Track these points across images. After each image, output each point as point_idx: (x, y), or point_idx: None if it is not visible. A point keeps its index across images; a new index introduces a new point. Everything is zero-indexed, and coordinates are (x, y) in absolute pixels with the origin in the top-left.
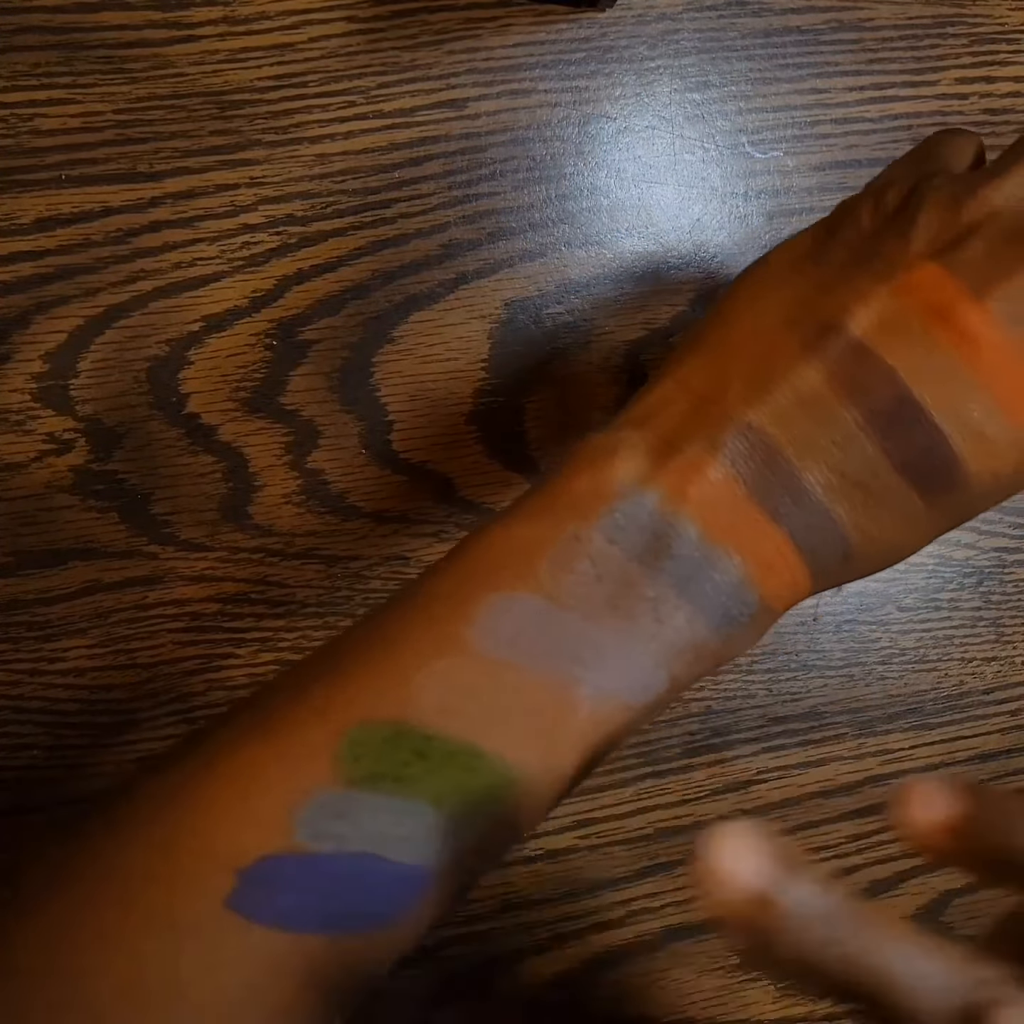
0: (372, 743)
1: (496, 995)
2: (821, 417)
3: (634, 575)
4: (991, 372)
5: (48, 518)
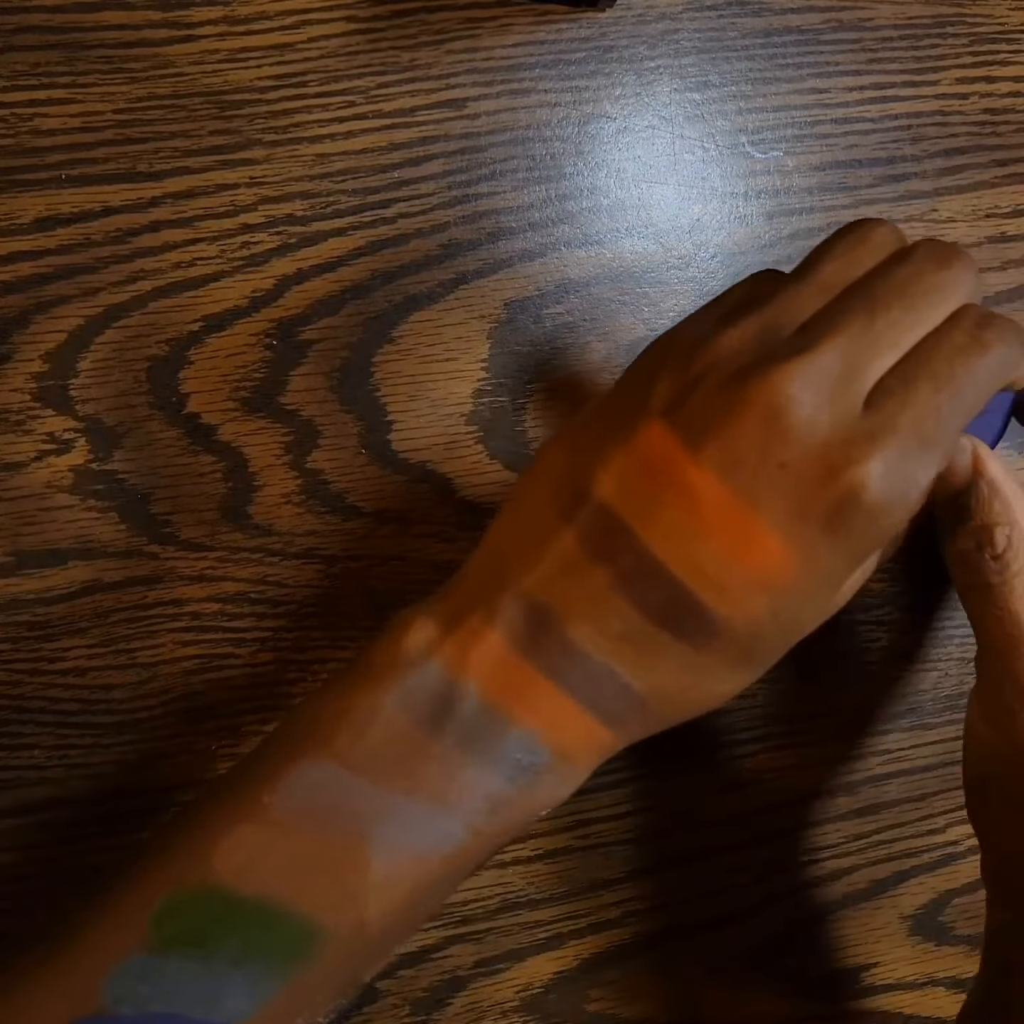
0: (176, 909)
1: (495, 996)
2: (579, 580)
3: (421, 737)
4: (712, 522)
5: (48, 518)
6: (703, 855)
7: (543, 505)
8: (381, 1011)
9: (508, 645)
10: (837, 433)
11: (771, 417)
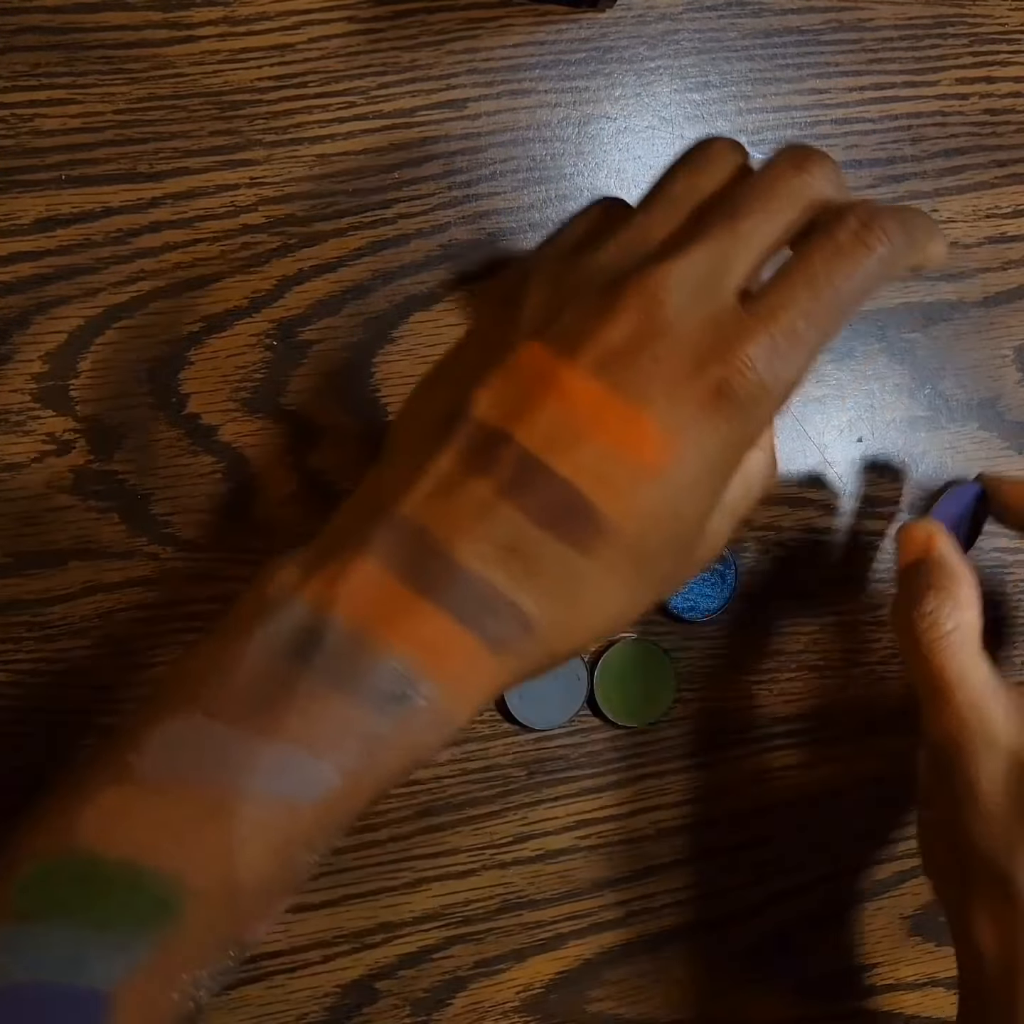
0: (39, 875)
1: (495, 996)
2: (460, 495)
3: (283, 674)
4: (591, 419)
5: (48, 518)
6: (703, 855)
7: (417, 438)
8: (381, 1011)
9: (380, 571)
10: (709, 327)
11: (644, 315)
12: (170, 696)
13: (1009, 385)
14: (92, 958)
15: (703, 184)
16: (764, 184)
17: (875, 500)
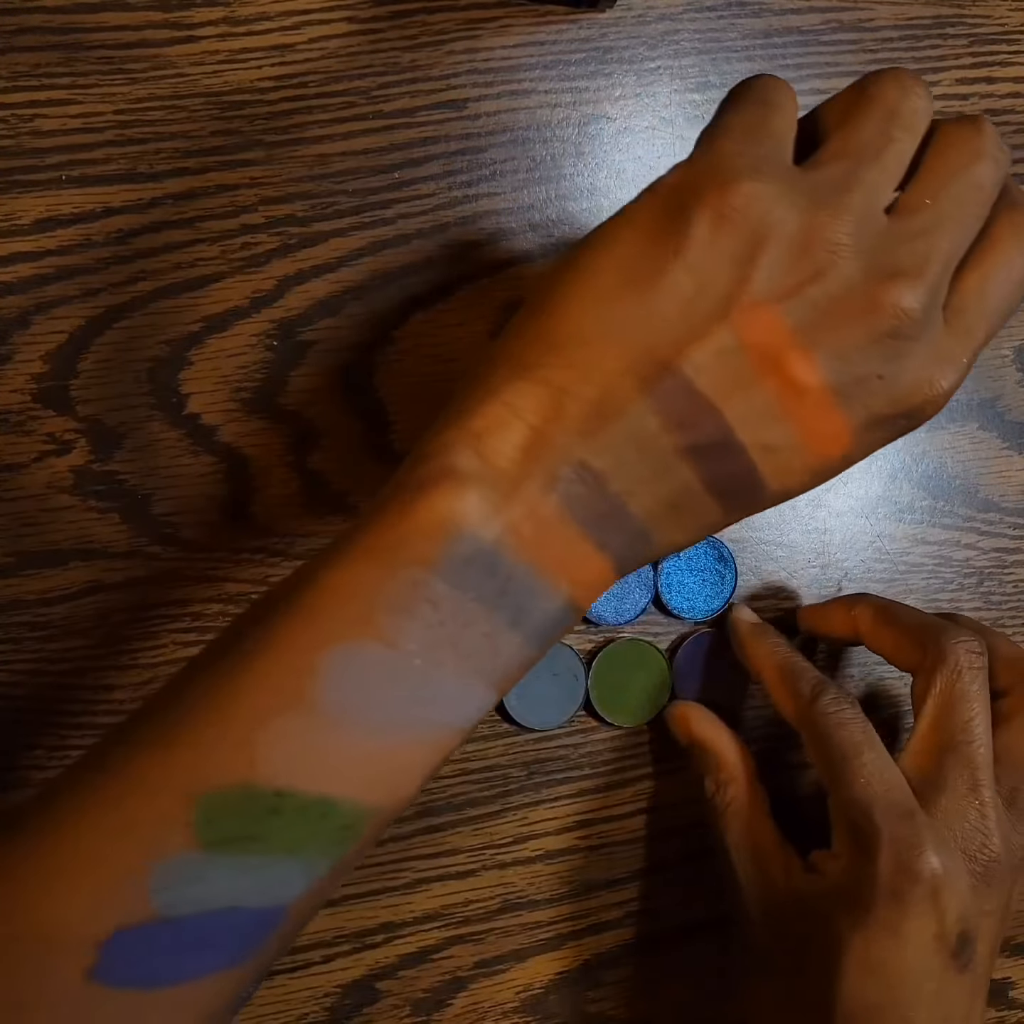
0: (224, 807)
1: (495, 996)
2: (649, 452)
3: (473, 615)
4: (805, 416)
5: (49, 518)
6: (703, 855)
7: (610, 371)
8: (381, 1011)
9: (565, 518)
10: (931, 348)
11: (888, 334)
12: (335, 620)
13: (1009, 385)
14: (281, 880)
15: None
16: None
17: (875, 500)
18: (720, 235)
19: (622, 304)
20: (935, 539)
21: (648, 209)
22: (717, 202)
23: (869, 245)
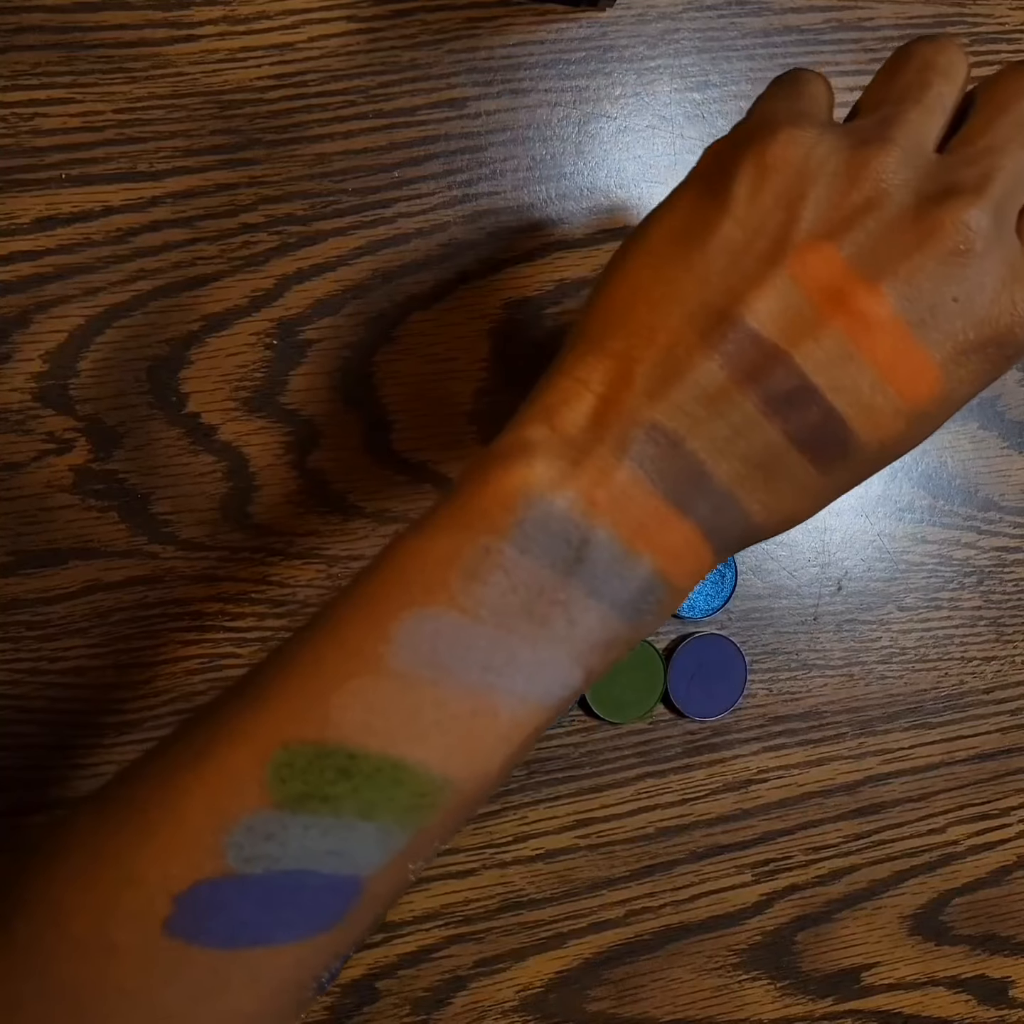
0: (297, 765)
1: (495, 995)
2: (723, 408)
3: (546, 582)
4: (881, 351)
5: (48, 518)
6: (703, 855)
7: (672, 328)
8: (381, 1011)
9: (640, 482)
10: (1008, 267)
11: (954, 251)
12: (410, 587)
13: (1009, 385)
14: (355, 847)
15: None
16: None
17: (876, 502)
18: (764, 183)
19: (676, 265)
20: (935, 538)
21: (695, 179)
22: (758, 154)
23: (921, 173)
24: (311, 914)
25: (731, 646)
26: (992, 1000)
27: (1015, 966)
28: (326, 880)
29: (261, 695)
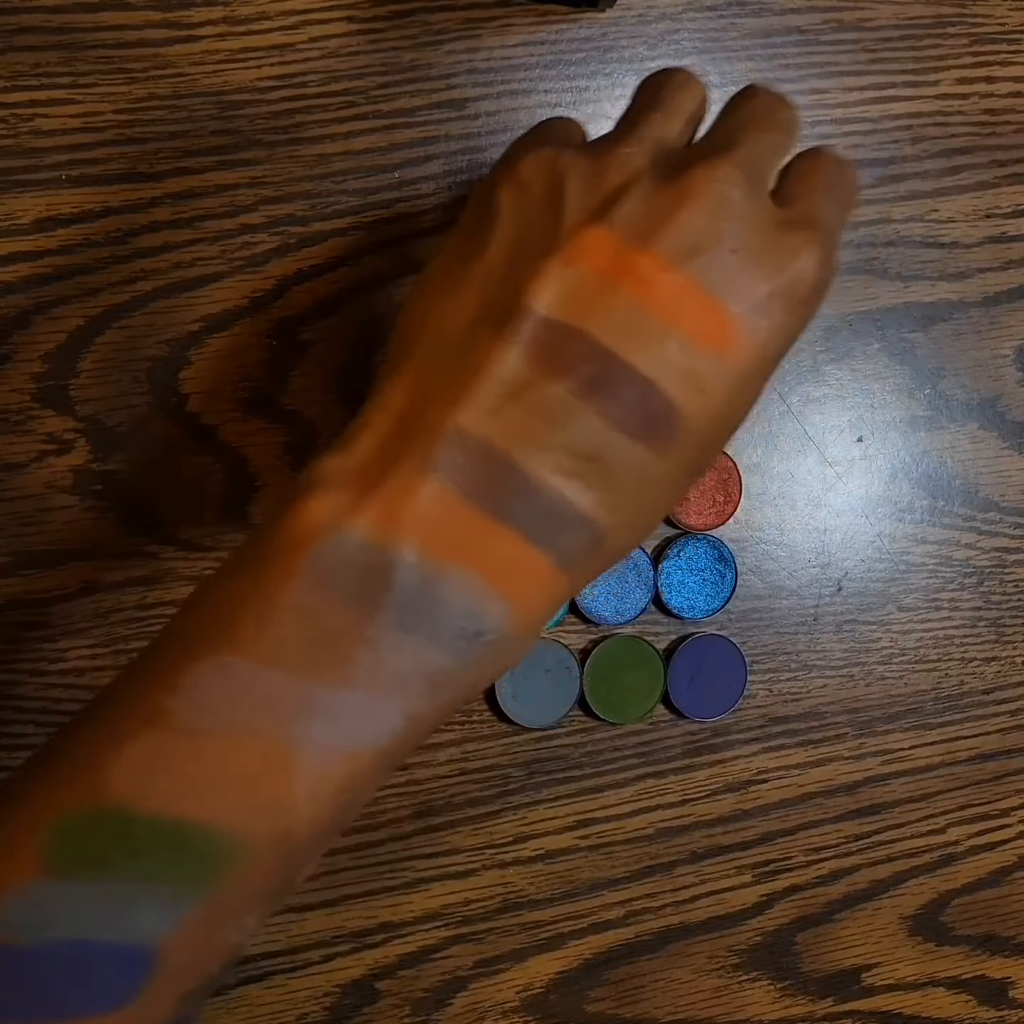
0: (72, 832)
1: (495, 996)
2: (533, 401)
3: (348, 618)
4: (675, 309)
5: (48, 518)
6: (703, 856)
7: (462, 333)
8: (381, 1011)
9: (447, 493)
10: (774, 221)
11: (719, 207)
12: (200, 637)
13: (1009, 385)
14: (139, 915)
15: (695, 105)
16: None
17: (876, 501)
18: (524, 193)
19: (459, 280)
20: (935, 539)
21: (464, 217)
22: (512, 175)
23: (670, 154)
24: (97, 989)
25: (731, 646)
26: (992, 1000)
27: (1015, 966)
28: (110, 952)
29: (45, 759)
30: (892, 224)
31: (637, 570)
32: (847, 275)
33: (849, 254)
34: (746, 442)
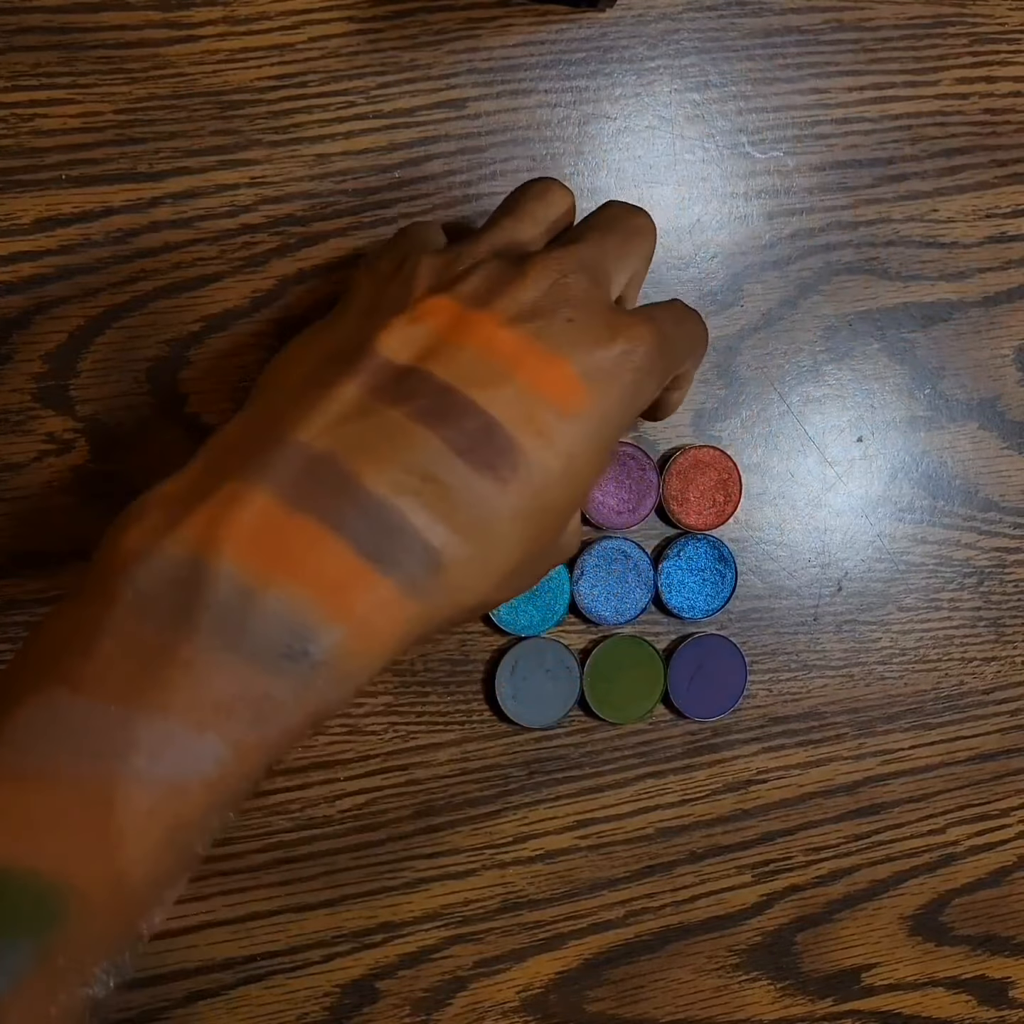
0: None
1: (495, 996)
2: (371, 422)
3: (167, 642)
4: (515, 358)
5: (48, 518)
6: (703, 855)
7: (307, 376)
8: (381, 1011)
9: (273, 502)
10: (609, 307)
11: (554, 286)
12: (30, 672)
13: (1009, 385)
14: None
15: (552, 211)
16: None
17: (877, 501)
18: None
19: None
20: (935, 539)
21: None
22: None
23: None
24: None
25: (731, 646)
26: (992, 1001)
27: (1015, 966)
28: None
29: None
30: (892, 224)
31: (637, 570)
32: (847, 275)
33: (849, 254)
34: (746, 442)
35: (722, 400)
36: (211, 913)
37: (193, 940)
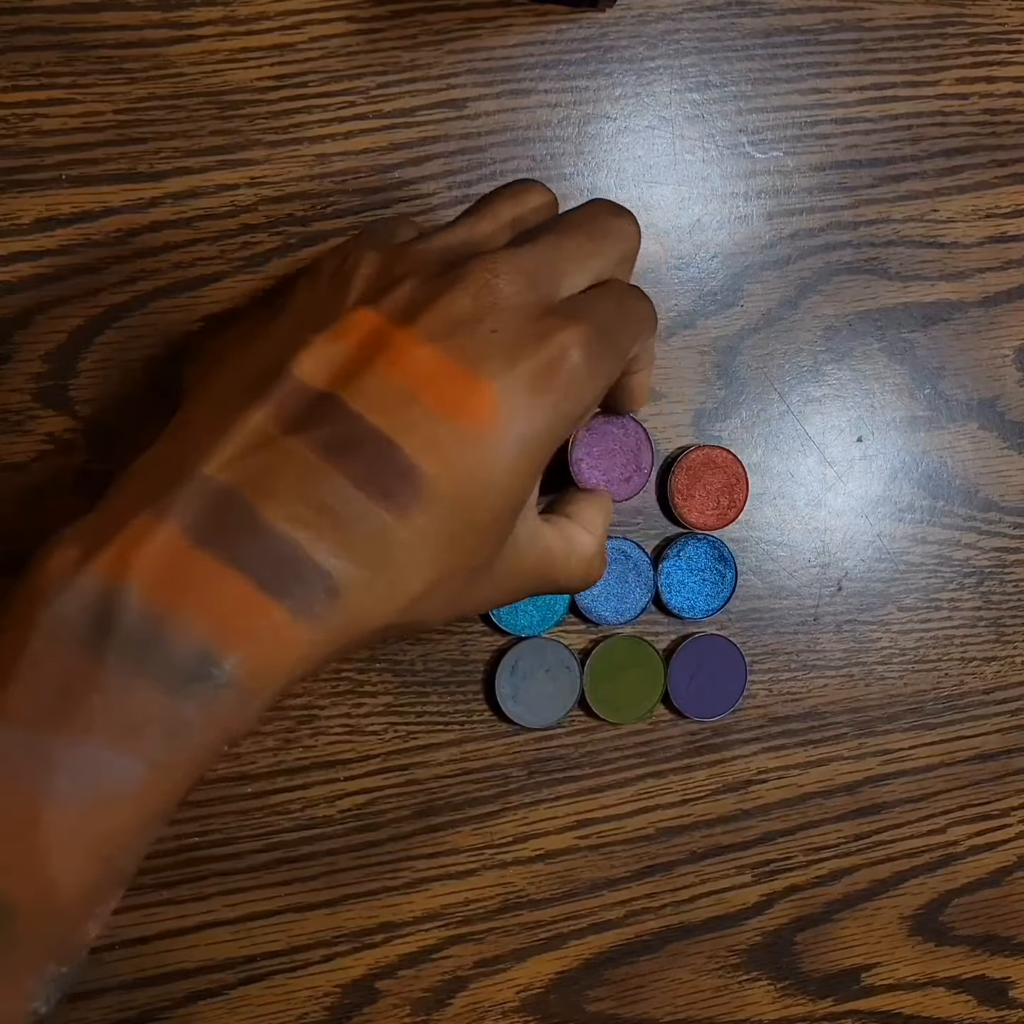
0: None
1: (496, 996)
2: (274, 453)
3: (82, 667)
4: (423, 380)
5: (47, 519)
6: (703, 855)
7: (222, 399)
8: (381, 1011)
9: (177, 536)
10: (539, 313)
11: (483, 291)
12: None
13: (1009, 385)
14: None
15: (521, 210)
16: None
17: (877, 501)
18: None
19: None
20: (935, 539)
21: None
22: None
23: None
24: None
25: (731, 646)
26: (992, 1000)
27: (1015, 966)
28: None
29: None
30: (892, 224)
31: (637, 570)
32: (847, 275)
33: (849, 254)
34: (746, 442)
35: (722, 400)
36: (211, 913)
37: (193, 940)
